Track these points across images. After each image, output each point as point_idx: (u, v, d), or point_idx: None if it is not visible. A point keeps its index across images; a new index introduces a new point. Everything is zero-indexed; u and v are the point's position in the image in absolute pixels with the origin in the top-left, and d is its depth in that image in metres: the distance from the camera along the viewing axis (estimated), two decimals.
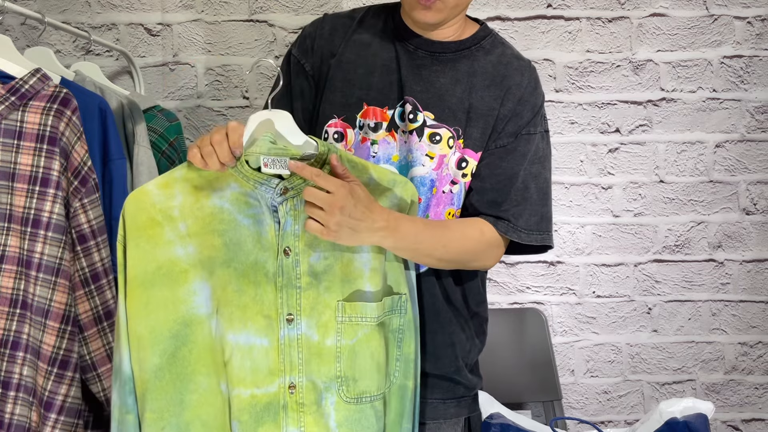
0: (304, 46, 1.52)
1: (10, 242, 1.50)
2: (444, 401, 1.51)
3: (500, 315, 2.23)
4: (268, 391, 1.22)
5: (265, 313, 1.22)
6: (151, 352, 1.21)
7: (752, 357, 2.37)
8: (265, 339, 1.22)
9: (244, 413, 1.21)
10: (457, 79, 1.46)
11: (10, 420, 1.50)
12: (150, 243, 1.21)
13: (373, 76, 1.46)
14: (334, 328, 1.24)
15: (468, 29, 1.52)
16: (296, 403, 1.22)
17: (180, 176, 1.24)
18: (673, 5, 2.33)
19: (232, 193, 1.23)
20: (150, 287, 1.21)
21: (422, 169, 1.43)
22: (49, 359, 1.51)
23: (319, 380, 1.23)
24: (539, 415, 2.11)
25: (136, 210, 1.22)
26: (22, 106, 1.51)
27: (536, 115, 1.47)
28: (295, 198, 1.24)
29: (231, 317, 1.21)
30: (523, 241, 1.44)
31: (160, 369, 1.21)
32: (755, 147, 2.35)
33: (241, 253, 1.22)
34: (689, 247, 2.35)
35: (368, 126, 1.45)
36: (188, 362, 1.21)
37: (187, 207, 1.23)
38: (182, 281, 1.22)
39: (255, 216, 1.24)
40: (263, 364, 1.22)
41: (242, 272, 1.22)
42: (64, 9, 2.29)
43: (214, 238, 1.22)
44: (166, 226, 1.22)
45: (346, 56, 1.48)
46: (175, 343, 1.21)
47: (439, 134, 1.44)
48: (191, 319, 1.22)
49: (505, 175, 1.44)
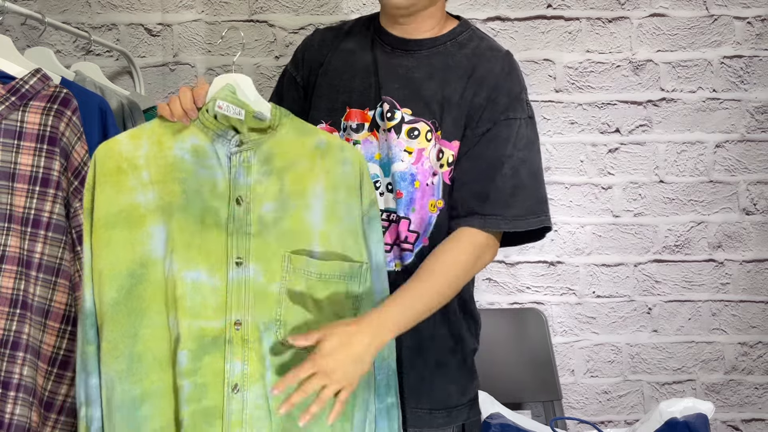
0: (296, 59, 1.63)
1: (10, 242, 1.50)
2: (430, 411, 1.51)
3: (500, 315, 2.23)
4: (216, 325, 1.29)
5: (216, 255, 1.31)
6: (109, 287, 1.30)
7: (752, 357, 2.37)
8: (215, 278, 1.30)
9: (193, 343, 1.28)
10: (431, 74, 1.49)
11: (10, 420, 1.50)
12: (114, 188, 1.32)
13: (354, 80, 1.53)
14: (280, 276, 1.31)
15: (447, 26, 1.54)
16: (241, 338, 1.29)
17: (149, 128, 1.36)
18: (673, 5, 2.33)
19: (192, 145, 1.35)
20: (111, 228, 1.31)
21: (401, 164, 1.47)
22: (49, 359, 1.51)
23: (261, 321, 1.30)
24: (539, 415, 2.11)
25: (105, 157, 1.33)
26: (23, 106, 1.51)
27: (515, 101, 1.47)
28: (248, 151, 1.34)
29: (186, 257, 1.30)
30: (520, 228, 1.44)
31: (117, 303, 1.30)
32: (755, 147, 2.35)
33: (197, 200, 1.32)
34: (689, 247, 2.35)
35: (351, 127, 1.51)
36: (143, 299, 1.30)
37: (152, 156, 1.34)
38: (140, 225, 1.31)
39: (211, 167, 1.34)
40: (212, 300, 1.30)
41: (198, 217, 1.32)
42: (64, 9, 2.29)
43: (174, 185, 1.32)
44: (131, 174, 1.32)
45: (332, 64, 1.56)
46: (131, 280, 1.30)
47: (417, 129, 1.47)
48: (147, 260, 1.31)
49: (489, 163, 1.44)
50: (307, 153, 1.37)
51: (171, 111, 1.34)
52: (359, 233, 1.37)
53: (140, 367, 1.29)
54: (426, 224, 1.48)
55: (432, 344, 1.50)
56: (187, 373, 1.28)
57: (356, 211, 1.37)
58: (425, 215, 1.47)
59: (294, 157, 1.36)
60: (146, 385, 1.29)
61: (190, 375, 1.28)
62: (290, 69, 1.63)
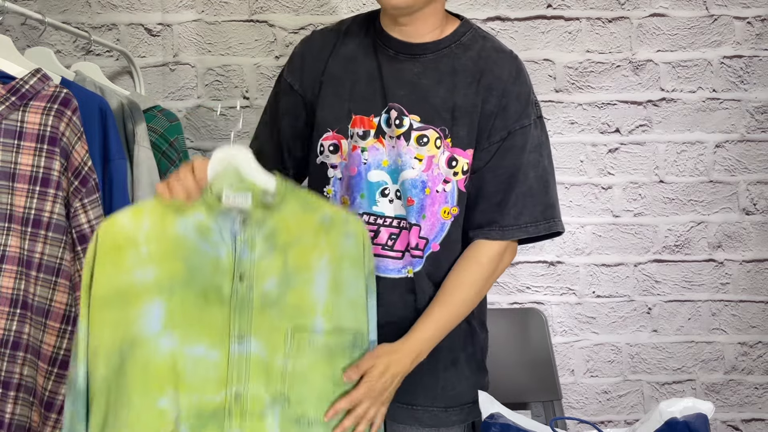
0: (293, 66, 1.59)
1: (10, 242, 1.50)
2: (446, 409, 1.52)
3: (500, 315, 2.23)
4: (216, 399, 1.29)
5: (218, 331, 1.31)
6: (100, 364, 1.29)
7: (752, 357, 2.37)
8: (216, 353, 1.30)
9: (192, 417, 1.29)
10: (439, 80, 1.47)
11: (10, 420, 1.50)
12: (113, 266, 1.30)
13: (358, 86, 1.51)
14: (283, 352, 1.32)
15: (449, 27, 1.52)
16: (240, 411, 1.30)
17: (151, 205, 1.34)
18: (673, 5, 2.33)
19: (196, 222, 1.34)
20: (106, 307, 1.29)
21: (412, 171, 1.46)
22: (49, 359, 1.51)
23: (266, 394, 1.31)
24: (539, 415, 2.11)
25: (106, 234, 1.32)
26: (23, 106, 1.51)
27: (526, 105, 1.47)
28: (253, 228, 1.34)
29: (187, 333, 1.30)
30: (531, 234, 1.48)
31: (105, 380, 1.28)
32: (755, 147, 2.35)
33: (200, 276, 1.32)
34: (689, 247, 2.35)
35: (357, 135, 1.49)
36: (127, 380, 1.28)
37: (153, 232, 1.32)
38: (134, 304, 1.30)
39: (215, 244, 1.33)
40: (213, 374, 1.29)
41: (200, 293, 1.31)
42: (64, 9, 2.29)
43: (177, 263, 1.32)
44: (130, 251, 1.31)
45: (334, 71, 1.53)
46: (120, 359, 1.29)
47: (426, 136, 1.46)
48: (136, 338, 1.29)
49: (509, 173, 1.46)
50: (311, 229, 1.36)
51: (172, 194, 1.31)
52: (362, 304, 1.37)
53: None
54: (438, 231, 1.48)
55: (446, 341, 1.49)
56: None
57: (360, 283, 1.37)
58: (437, 222, 1.48)
59: (298, 233, 1.35)
60: None
61: None
62: (286, 75, 1.59)
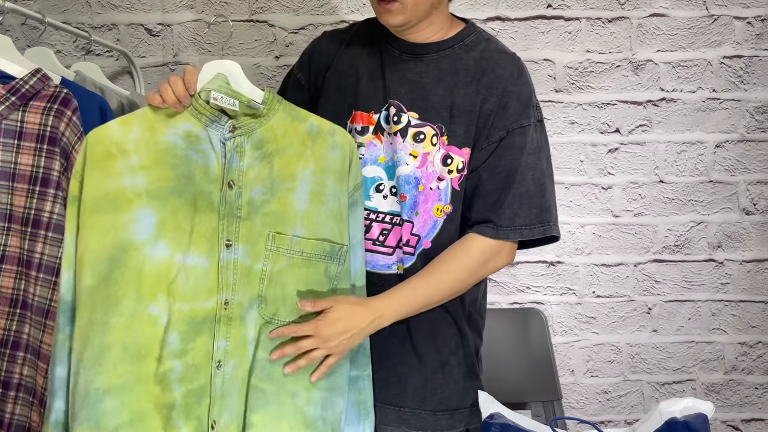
0: (302, 61, 1.64)
1: (10, 242, 1.50)
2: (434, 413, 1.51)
3: (500, 315, 2.23)
4: (206, 306, 1.32)
5: (207, 238, 1.33)
6: (86, 273, 1.30)
7: (752, 357, 2.37)
8: (206, 260, 1.33)
9: (184, 325, 1.31)
10: (439, 78, 1.49)
11: (10, 420, 1.50)
12: (102, 173, 1.32)
13: (360, 83, 1.53)
14: (264, 255, 1.35)
15: (453, 29, 1.53)
16: (227, 317, 1.33)
17: (140, 114, 1.37)
18: (673, 5, 2.33)
19: (186, 131, 1.36)
20: (96, 213, 1.31)
21: (406, 168, 1.47)
22: (49, 359, 1.51)
23: (245, 299, 1.34)
24: (539, 415, 2.11)
25: (95, 143, 1.34)
26: (23, 106, 1.51)
27: (526, 106, 1.47)
28: (242, 136, 1.37)
29: (178, 240, 1.32)
30: (525, 237, 1.46)
31: (92, 288, 1.29)
32: (755, 147, 2.35)
33: (190, 185, 1.34)
34: (689, 247, 2.35)
35: (355, 130, 1.52)
36: (119, 286, 1.29)
37: (142, 141, 1.35)
38: (126, 209, 1.31)
39: (204, 152, 1.36)
40: (203, 282, 1.32)
41: (190, 201, 1.34)
42: (64, 9, 2.29)
43: (167, 171, 1.34)
44: (119, 158, 1.33)
45: (339, 67, 1.57)
46: (109, 266, 1.30)
47: (422, 132, 1.47)
48: (128, 244, 1.30)
49: (506, 173, 1.46)
50: (298, 138, 1.40)
51: (163, 99, 1.34)
52: (343, 217, 1.41)
53: (107, 357, 1.27)
54: (430, 228, 1.48)
55: (433, 344, 1.50)
56: (178, 354, 1.30)
57: (342, 195, 1.41)
58: (429, 219, 1.48)
59: (286, 142, 1.39)
60: (112, 377, 1.27)
61: (181, 356, 1.30)
62: (295, 71, 1.64)
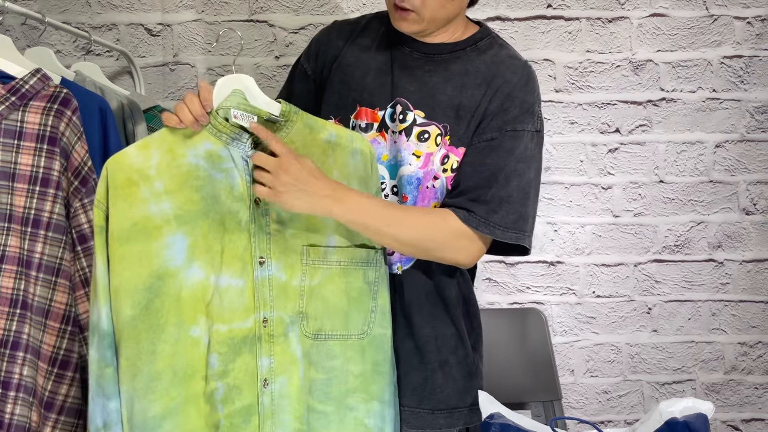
0: (310, 51, 1.61)
1: (10, 242, 1.50)
2: (432, 412, 1.50)
3: (500, 315, 2.23)
4: (244, 326, 1.33)
5: (240, 257, 1.34)
6: (125, 304, 1.29)
7: (752, 357, 2.38)
8: (240, 280, 1.33)
9: (223, 346, 1.32)
10: (448, 78, 1.48)
11: (10, 420, 1.50)
12: (126, 201, 1.30)
13: (367, 78, 1.51)
14: (300, 270, 1.35)
15: (467, 31, 1.52)
16: (268, 335, 1.34)
17: (158, 137, 1.34)
18: (673, 5, 2.33)
19: (206, 151, 1.34)
20: (125, 243, 1.30)
21: (409, 168, 1.46)
22: (49, 359, 1.51)
23: (286, 315, 1.35)
24: (539, 415, 2.11)
25: (115, 171, 1.31)
26: (23, 106, 1.51)
27: (526, 113, 1.45)
28: (263, 151, 1.34)
29: (211, 262, 1.32)
30: (497, 237, 1.42)
31: (134, 319, 1.29)
32: (755, 147, 2.35)
33: (217, 205, 1.33)
34: (689, 247, 2.35)
35: (359, 127, 1.49)
36: (161, 314, 1.30)
37: (164, 166, 1.33)
38: (156, 236, 1.30)
39: (227, 170, 1.34)
40: (240, 302, 1.33)
41: (219, 221, 1.33)
42: (64, 9, 2.29)
43: (192, 193, 1.33)
44: (142, 185, 1.31)
45: (346, 59, 1.54)
46: (149, 295, 1.30)
47: (427, 132, 1.46)
48: (164, 272, 1.30)
49: (489, 172, 1.42)
50: (318, 147, 1.39)
51: (180, 119, 1.31)
52: None
53: (159, 384, 1.29)
54: None
55: (434, 344, 1.50)
56: (219, 376, 1.31)
57: None
58: None
59: (306, 153, 1.37)
60: (166, 402, 1.29)
61: (222, 377, 1.31)
62: (302, 61, 1.61)
